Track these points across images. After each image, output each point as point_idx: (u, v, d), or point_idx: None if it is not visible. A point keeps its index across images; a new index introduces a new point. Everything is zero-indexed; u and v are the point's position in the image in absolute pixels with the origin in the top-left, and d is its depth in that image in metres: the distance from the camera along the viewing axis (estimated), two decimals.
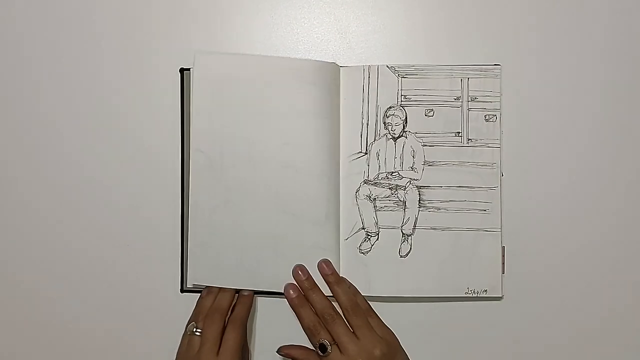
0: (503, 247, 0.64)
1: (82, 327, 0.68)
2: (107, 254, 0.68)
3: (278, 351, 0.63)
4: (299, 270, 0.63)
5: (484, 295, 0.64)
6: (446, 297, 0.65)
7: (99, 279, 0.68)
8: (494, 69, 0.64)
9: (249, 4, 0.67)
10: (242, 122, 0.63)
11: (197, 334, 0.59)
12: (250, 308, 0.64)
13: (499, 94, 0.64)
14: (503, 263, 0.64)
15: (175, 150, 0.66)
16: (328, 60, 0.65)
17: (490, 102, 0.64)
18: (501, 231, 0.64)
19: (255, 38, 0.67)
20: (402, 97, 0.64)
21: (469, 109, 0.64)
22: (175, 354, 0.61)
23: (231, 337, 0.59)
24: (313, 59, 0.67)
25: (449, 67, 0.64)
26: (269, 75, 0.63)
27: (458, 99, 0.64)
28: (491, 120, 0.64)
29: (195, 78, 0.63)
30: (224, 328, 0.60)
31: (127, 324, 0.68)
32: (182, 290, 0.66)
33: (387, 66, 0.64)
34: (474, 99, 0.64)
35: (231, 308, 0.63)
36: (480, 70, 0.64)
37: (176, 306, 0.65)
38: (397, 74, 0.64)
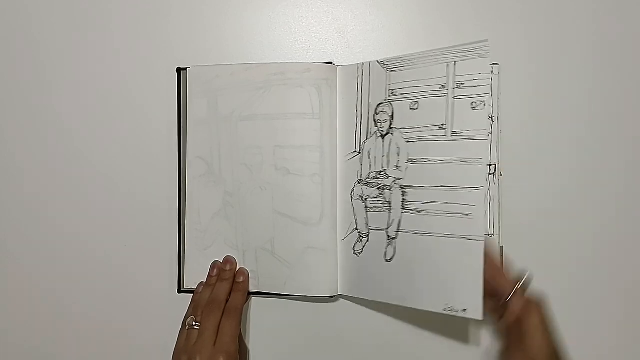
0: (502, 247, 0.63)
1: (81, 326, 0.68)
2: (105, 254, 0.68)
3: None
4: None
5: (463, 315, 0.57)
6: (426, 311, 0.60)
7: (97, 279, 0.68)
8: (482, 47, 0.57)
9: (247, 4, 0.67)
10: (237, 128, 0.64)
11: (196, 327, 0.60)
12: (245, 296, 0.64)
13: (488, 77, 0.58)
14: (502, 263, 0.63)
15: (172, 150, 0.66)
16: (325, 60, 0.66)
17: (479, 86, 0.57)
18: (500, 232, 0.63)
19: (253, 37, 0.67)
20: (390, 92, 0.63)
21: (454, 97, 0.59)
22: (173, 350, 0.61)
23: (227, 327, 0.59)
24: (310, 58, 0.66)
25: (434, 52, 0.60)
26: (260, 81, 0.63)
27: (443, 87, 0.60)
28: (478, 108, 0.57)
29: (190, 90, 0.65)
30: (222, 319, 0.60)
31: (125, 324, 0.68)
32: (179, 291, 0.66)
33: (378, 62, 0.63)
34: (460, 85, 0.58)
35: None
36: (467, 52, 0.58)
37: (173, 306, 0.65)
38: (385, 69, 0.63)
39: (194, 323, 0.60)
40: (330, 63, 0.64)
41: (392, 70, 0.62)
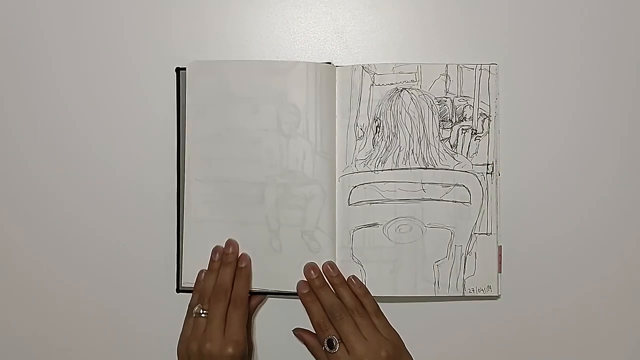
0: (500, 247, 0.64)
1: (79, 326, 0.68)
2: (103, 254, 0.67)
3: (294, 330, 0.65)
4: (311, 269, 0.63)
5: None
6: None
7: (96, 279, 0.68)
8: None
9: (246, 4, 0.67)
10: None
11: (203, 315, 0.60)
12: (249, 281, 0.64)
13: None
14: (500, 262, 0.64)
15: (171, 150, 0.65)
16: (324, 60, 0.66)
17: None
18: (497, 231, 0.63)
19: (252, 38, 0.67)
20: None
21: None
22: (178, 341, 0.61)
23: (235, 316, 0.60)
24: (309, 58, 0.67)
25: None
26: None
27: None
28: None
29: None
30: (228, 307, 0.60)
31: (123, 324, 0.68)
32: (178, 290, 0.66)
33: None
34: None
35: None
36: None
37: (172, 306, 0.65)
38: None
39: (201, 311, 0.60)
40: (329, 63, 0.64)
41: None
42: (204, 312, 0.60)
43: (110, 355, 0.68)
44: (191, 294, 0.64)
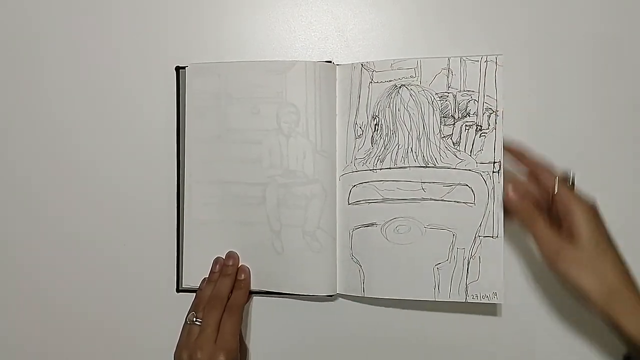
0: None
1: (79, 325, 0.69)
2: (103, 253, 0.69)
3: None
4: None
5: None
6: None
7: (96, 278, 0.69)
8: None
9: (246, 3, 0.67)
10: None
11: (197, 323, 0.60)
12: (247, 293, 0.64)
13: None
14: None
15: (171, 150, 0.66)
16: (325, 59, 0.65)
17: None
18: (502, 235, 0.60)
19: (253, 36, 0.67)
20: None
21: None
22: (172, 350, 0.61)
23: (228, 324, 0.60)
24: (310, 57, 0.66)
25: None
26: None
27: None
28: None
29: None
30: (223, 315, 0.60)
31: (123, 323, 0.69)
32: (177, 290, 0.67)
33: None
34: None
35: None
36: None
37: (172, 305, 0.65)
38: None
39: (194, 319, 0.60)
40: (330, 62, 0.63)
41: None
42: (197, 320, 0.60)
43: (111, 355, 0.69)
44: (191, 293, 0.65)
